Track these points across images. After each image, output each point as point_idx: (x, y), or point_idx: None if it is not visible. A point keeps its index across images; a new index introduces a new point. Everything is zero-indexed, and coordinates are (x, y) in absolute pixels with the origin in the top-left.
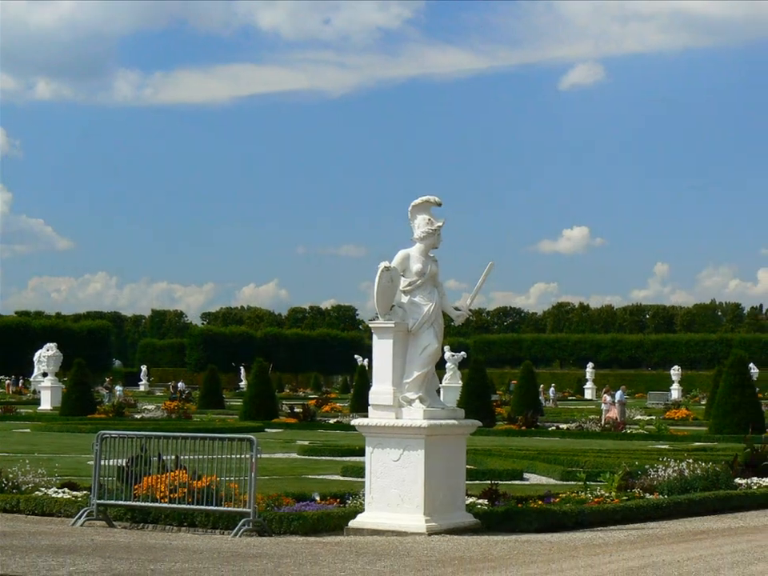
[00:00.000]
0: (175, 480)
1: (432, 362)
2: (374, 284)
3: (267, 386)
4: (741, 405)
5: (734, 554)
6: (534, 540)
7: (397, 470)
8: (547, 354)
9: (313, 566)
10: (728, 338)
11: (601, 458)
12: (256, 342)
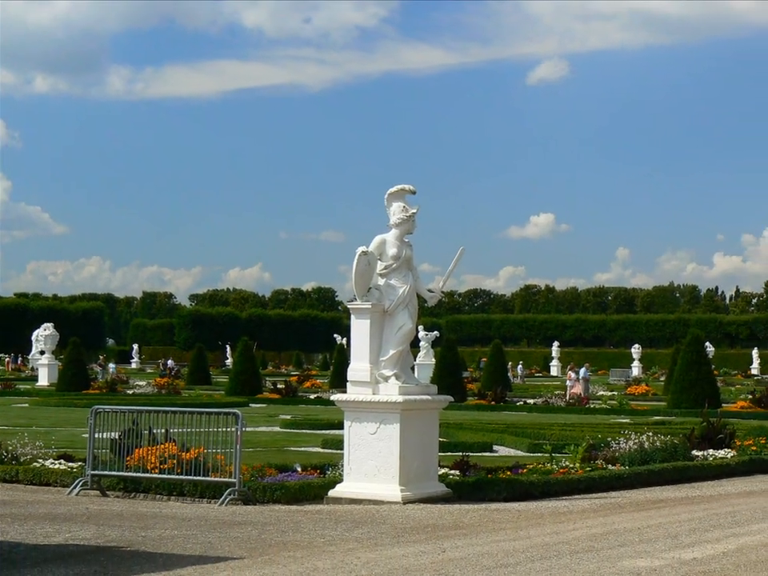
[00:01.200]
0: (165, 452)
1: (407, 340)
2: (353, 267)
3: (251, 364)
4: (697, 381)
5: (691, 522)
6: (503, 508)
7: (374, 443)
8: (515, 334)
9: (295, 533)
10: (685, 319)
11: (566, 431)
12: (241, 322)
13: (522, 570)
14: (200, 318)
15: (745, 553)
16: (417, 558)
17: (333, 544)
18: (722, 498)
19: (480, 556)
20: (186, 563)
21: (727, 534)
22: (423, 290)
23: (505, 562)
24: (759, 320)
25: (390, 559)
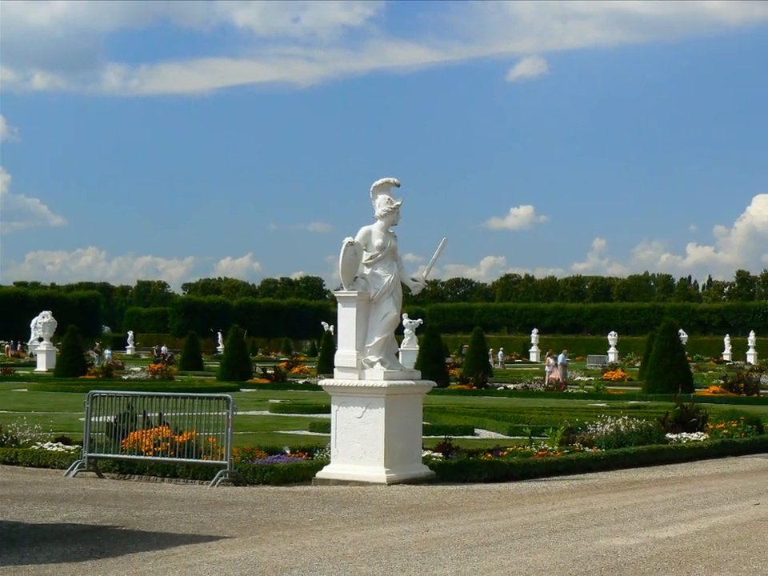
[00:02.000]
0: (159, 435)
1: (391, 328)
2: (339, 257)
3: (242, 350)
4: (671, 367)
5: (665, 502)
6: (484, 489)
7: (360, 426)
8: (496, 321)
9: (284, 513)
10: (660, 307)
11: (544, 415)
12: (232, 309)
13: (503, 549)
14: (192, 306)
15: (717, 532)
16: (401, 537)
17: (320, 523)
18: (695, 480)
19: (462, 535)
20: (179, 542)
21: (700, 514)
22: (407, 279)
23: (486, 540)
24: (731, 308)
25: (376, 538)
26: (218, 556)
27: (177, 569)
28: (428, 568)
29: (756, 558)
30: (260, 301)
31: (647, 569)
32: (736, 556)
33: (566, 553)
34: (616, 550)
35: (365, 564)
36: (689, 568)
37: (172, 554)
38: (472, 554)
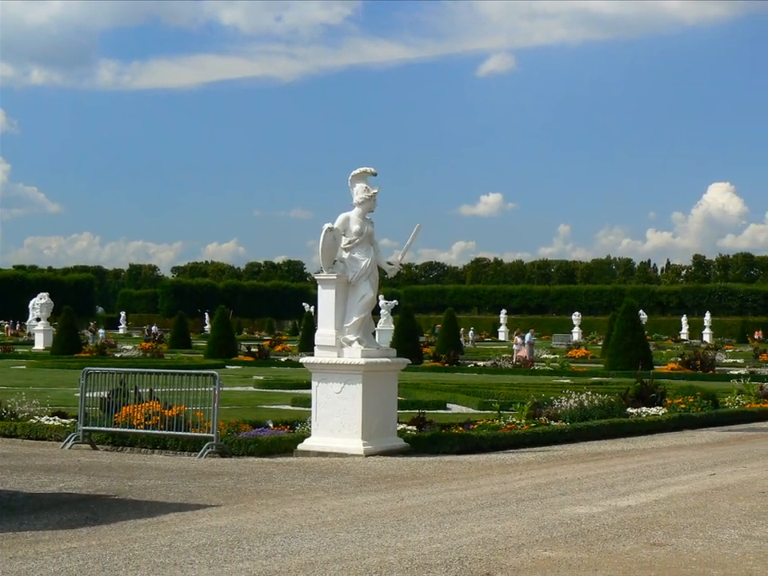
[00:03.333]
0: (149, 409)
1: (368, 308)
2: (319, 242)
3: (228, 330)
4: (632, 345)
5: (626, 473)
6: (456, 461)
7: (339, 401)
8: (467, 302)
9: (267, 483)
10: (621, 289)
11: (512, 390)
12: (218, 291)
13: (473, 516)
14: (181, 288)
15: (675, 501)
16: (377, 505)
17: (301, 492)
18: (654, 452)
19: (435, 503)
20: (169, 510)
21: (659, 484)
22: (383, 262)
23: (457, 508)
24: (688, 290)
25: (353, 506)
26: (205, 523)
27: (166, 535)
28: (403, 534)
29: (711, 525)
30: (245, 283)
31: (609, 535)
32: (693, 523)
33: (532, 520)
34: (580, 517)
35: (343, 531)
36: (648, 534)
37: (162, 521)
38: (444, 521)
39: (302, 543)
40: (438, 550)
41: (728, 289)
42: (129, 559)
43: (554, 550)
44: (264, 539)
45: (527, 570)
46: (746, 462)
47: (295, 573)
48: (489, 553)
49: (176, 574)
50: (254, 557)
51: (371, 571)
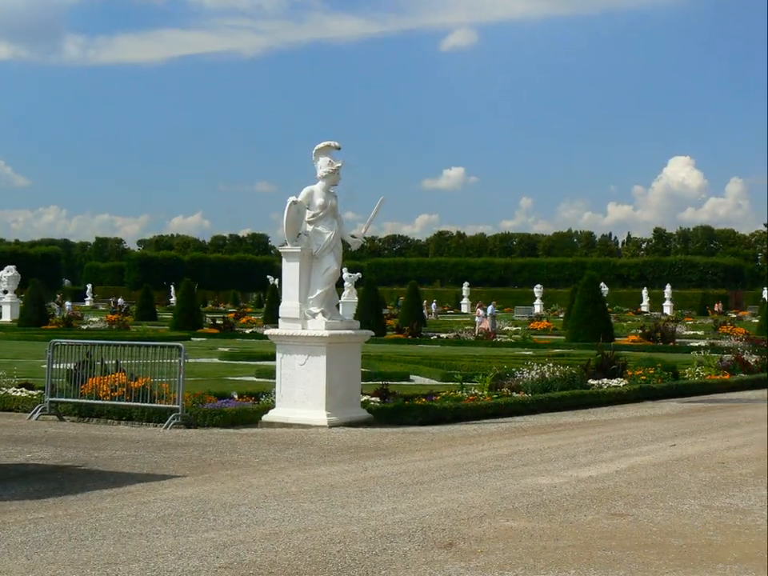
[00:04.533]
0: (115, 381)
1: (332, 281)
2: (284, 215)
3: (193, 302)
4: (593, 317)
5: (587, 444)
6: (419, 431)
7: (303, 373)
8: (430, 275)
9: (232, 454)
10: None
11: (475, 362)
12: (184, 264)
13: (436, 487)
14: (147, 260)
15: (635, 471)
16: (341, 476)
17: (266, 463)
18: (615, 423)
19: (398, 474)
20: (135, 480)
21: (620, 455)
22: (347, 235)
23: (420, 479)
24: (648, 263)
25: (318, 477)
26: (170, 493)
27: (132, 505)
28: (366, 504)
29: (671, 496)
30: (210, 256)
31: (570, 505)
32: (653, 493)
33: (494, 491)
34: (541, 488)
35: (307, 501)
36: (609, 504)
37: (128, 491)
38: (407, 491)
39: (267, 513)
40: (401, 520)
41: (688, 262)
42: (95, 529)
43: (516, 520)
44: (229, 509)
45: (489, 539)
46: (706, 433)
47: (260, 543)
48: (451, 523)
49: (142, 543)
50: (218, 527)
51: (335, 541)
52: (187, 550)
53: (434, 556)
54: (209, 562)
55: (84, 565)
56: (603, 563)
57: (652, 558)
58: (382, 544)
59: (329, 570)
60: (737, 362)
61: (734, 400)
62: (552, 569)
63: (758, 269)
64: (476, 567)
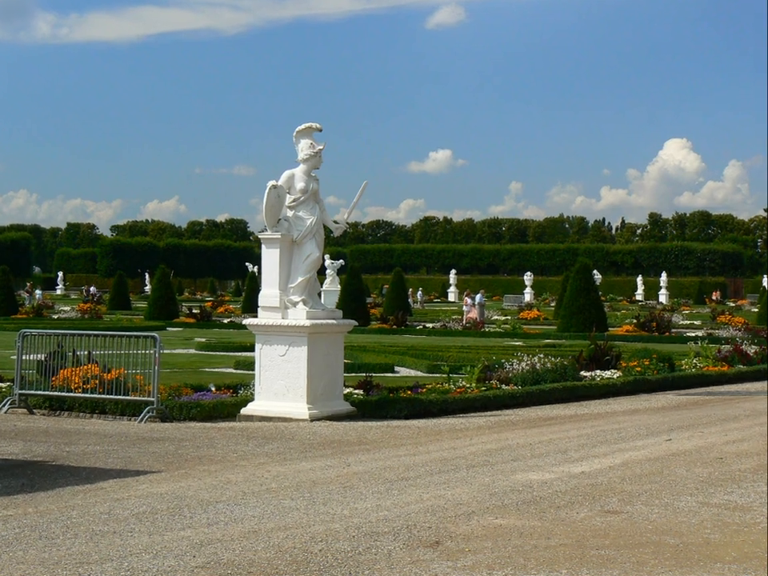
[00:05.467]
0: (88, 372)
1: (314, 268)
2: (263, 200)
3: (169, 290)
4: (585, 306)
5: (580, 438)
6: (404, 425)
7: (283, 364)
8: (415, 262)
9: (209, 448)
10: (574, 248)
11: (462, 353)
12: (159, 251)
13: (422, 483)
14: (121, 247)
15: (629, 467)
16: (323, 471)
17: (245, 458)
18: (608, 416)
19: (382, 470)
20: (108, 476)
21: (613, 450)
22: (329, 221)
23: (405, 475)
24: (643, 249)
25: (299, 472)
26: (145, 490)
27: (105, 502)
28: (349, 502)
29: (667, 492)
30: (186, 242)
31: (562, 502)
32: (648, 490)
33: (483, 487)
34: (532, 484)
35: (288, 498)
36: (602, 501)
37: (100, 488)
38: (392, 488)
39: (245, 511)
40: (386, 518)
41: (685, 248)
42: (67, 527)
43: (506, 518)
44: (206, 506)
45: (478, 538)
46: (703, 427)
47: (238, 541)
48: (438, 520)
49: (115, 542)
50: (195, 524)
51: (316, 540)
52: (162, 549)
53: (420, 555)
54: (185, 561)
55: (55, 564)
56: (596, 562)
57: (647, 557)
58: (366, 543)
59: (310, 569)
60: (735, 352)
61: (732, 392)
62: (543, 568)
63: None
64: (463, 567)
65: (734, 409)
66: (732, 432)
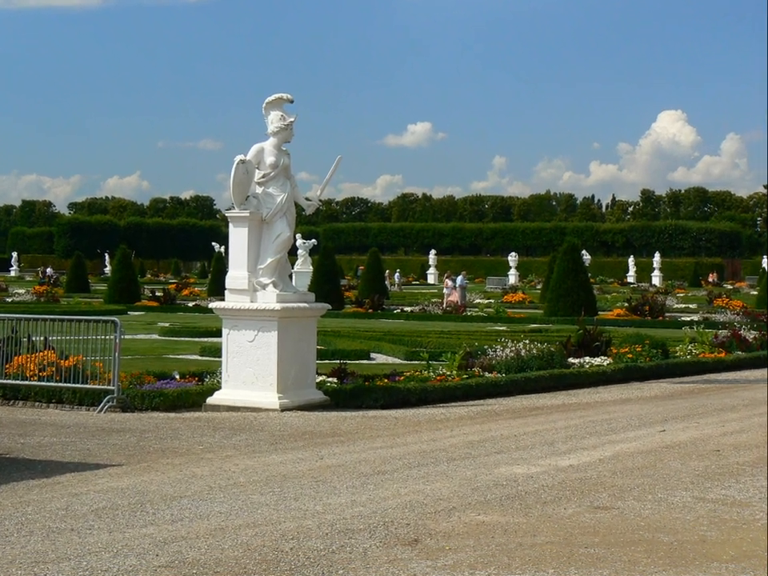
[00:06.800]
0: (44, 359)
1: (284, 248)
2: (231, 176)
3: (130, 272)
4: (573, 289)
5: (567, 429)
6: (380, 416)
7: (252, 350)
8: (393, 242)
9: (173, 440)
10: (562, 227)
11: (443, 338)
12: (120, 230)
13: (399, 477)
14: (79, 226)
15: (621, 459)
16: (294, 464)
17: (211, 451)
18: (598, 406)
19: (357, 463)
20: (65, 470)
21: (603, 441)
22: (301, 198)
23: (382, 468)
24: (635, 228)
25: (268, 466)
26: (105, 484)
27: (62, 498)
28: (322, 497)
29: (661, 487)
30: (149, 221)
31: (549, 498)
32: (641, 484)
33: (464, 481)
34: (517, 478)
35: (257, 493)
36: (592, 497)
37: (57, 482)
38: (368, 482)
39: (212, 506)
40: (361, 514)
41: (679, 227)
42: (21, 524)
43: (489, 514)
44: (170, 502)
45: (459, 535)
46: (698, 418)
47: (204, 539)
48: (417, 517)
49: (73, 540)
50: (158, 521)
51: (287, 537)
52: (123, 548)
53: (398, 554)
54: (147, 560)
55: (9, 563)
56: (585, 561)
57: (639, 555)
58: (340, 540)
59: (281, 569)
60: (733, 338)
61: (730, 381)
62: (528, 568)
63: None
64: (444, 566)
65: (731, 398)
66: (730, 423)
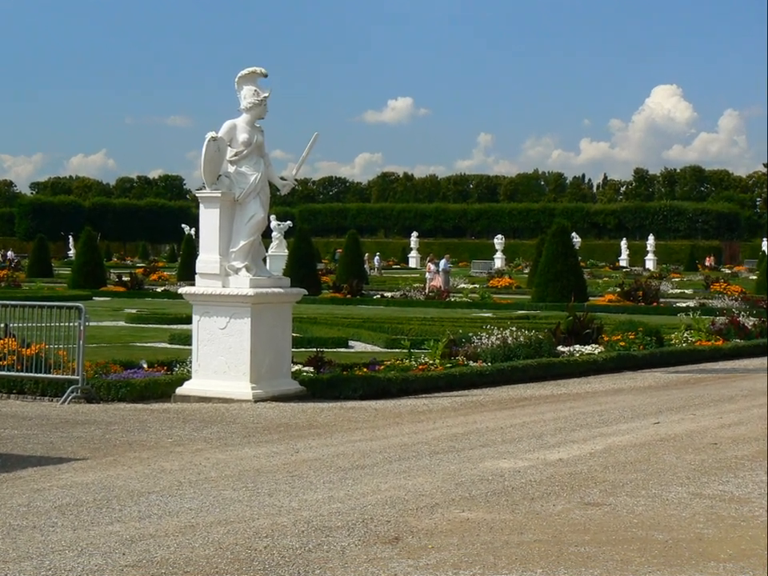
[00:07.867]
0: (4, 348)
1: (258, 231)
2: (202, 154)
3: (95, 255)
4: (563, 273)
5: (557, 421)
6: (359, 407)
7: (223, 338)
8: (372, 224)
9: (141, 433)
10: (551, 208)
11: (425, 325)
12: (84, 211)
13: (379, 471)
14: (41, 207)
15: (612, 453)
16: (269, 458)
17: (180, 444)
18: (588, 396)
19: (335, 456)
20: (27, 464)
21: (594, 434)
22: (275, 177)
23: (361, 462)
24: (628, 209)
25: (241, 460)
26: (69, 479)
27: (24, 493)
28: (298, 492)
29: (655, 482)
30: (115, 201)
31: (537, 493)
32: (634, 479)
33: (448, 476)
34: (503, 473)
35: (229, 488)
36: (582, 492)
37: (19, 477)
38: (346, 477)
39: (182, 503)
40: (339, 511)
41: (674, 208)
42: None
43: (473, 511)
44: (137, 498)
45: (442, 533)
46: (694, 409)
47: (173, 537)
48: (398, 514)
49: (35, 538)
50: (125, 518)
51: (261, 535)
52: (88, 546)
53: (377, 552)
54: (113, 559)
55: None
56: (575, 561)
57: (632, 554)
58: (317, 538)
59: (254, 568)
60: (731, 325)
61: (728, 370)
62: (515, 567)
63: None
64: (426, 566)
65: (729, 388)
66: (728, 414)
